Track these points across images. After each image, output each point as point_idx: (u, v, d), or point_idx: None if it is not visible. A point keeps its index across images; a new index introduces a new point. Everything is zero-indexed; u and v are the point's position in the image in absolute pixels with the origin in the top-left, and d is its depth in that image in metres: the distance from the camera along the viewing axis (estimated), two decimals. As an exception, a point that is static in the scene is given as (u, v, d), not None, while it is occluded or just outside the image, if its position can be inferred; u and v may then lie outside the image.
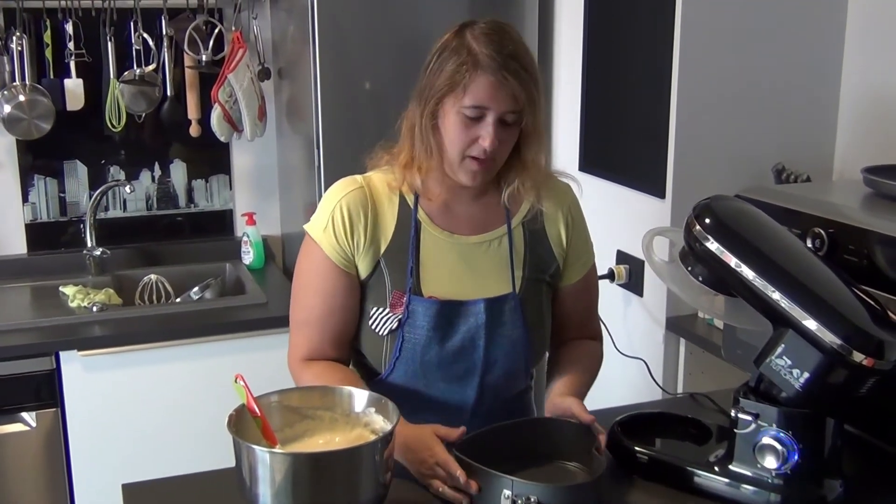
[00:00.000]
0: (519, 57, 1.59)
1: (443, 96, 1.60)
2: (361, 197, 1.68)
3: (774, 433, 1.45)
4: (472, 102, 1.57)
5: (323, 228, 1.68)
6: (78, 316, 2.86)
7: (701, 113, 2.50)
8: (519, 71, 1.57)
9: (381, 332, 1.69)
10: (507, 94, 1.57)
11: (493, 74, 1.56)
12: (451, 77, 1.58)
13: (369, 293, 1.70)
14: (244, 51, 3.14)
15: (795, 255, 1.52)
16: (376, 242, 1.68)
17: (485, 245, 1.72)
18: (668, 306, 2.59)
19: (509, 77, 1.56)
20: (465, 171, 1.64)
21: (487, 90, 1.56)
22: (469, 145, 1.60)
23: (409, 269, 1.68)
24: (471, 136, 1.59)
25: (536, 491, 1.38)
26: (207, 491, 1.57)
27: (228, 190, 3.43)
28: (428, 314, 1.66)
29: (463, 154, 1.62)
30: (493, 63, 1.56)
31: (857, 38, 2.55)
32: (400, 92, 1.77)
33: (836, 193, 2.14)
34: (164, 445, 2.76)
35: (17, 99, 2.98)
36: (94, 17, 3.07)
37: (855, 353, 1.37)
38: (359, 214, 1.67)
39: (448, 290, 1.68)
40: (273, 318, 2.81)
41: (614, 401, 2.02)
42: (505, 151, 1.65)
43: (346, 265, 1.68)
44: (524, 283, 1.72)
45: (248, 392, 1.38)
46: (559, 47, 3.09)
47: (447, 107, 1.60)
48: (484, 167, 1.63)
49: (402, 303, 1.67)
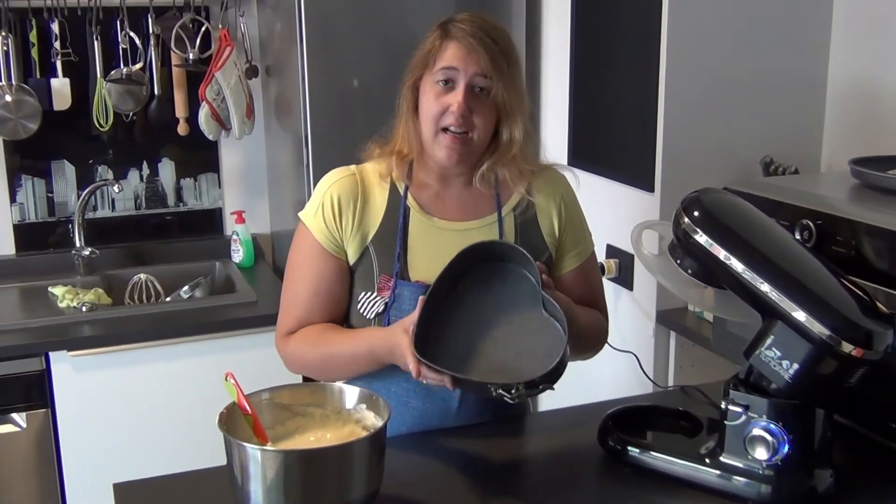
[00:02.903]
0: (490, 32, 1.68)
1: (420, 75, 1.69)
2: (352, 184, 1.74)
3: (764, 424, 1.46)
4: (441, 65, 1.65)
5: (314, 213, 1.74)
6: (67, 316, 2.85)
7: (689, 106, 2.51)
8: (488, 42, 1.66)
9: (369, 316, 1.72)
10: (476, 59, 1.64)
11: (462, 40, 1.65)
12: (426, 53, 1.68)
13: (358, 277, 1.74)
14: (231, 49, 3.13)
15: (784, 246, 1.53)
16: (365, 228, 1.72)
17: (474, 231, 1.74)
18: (659, 300, 2.59)
19: (477, 44, 1.65)
20: (440, 147, 1.68)
21: (455, 53, 1.65)
22: (441, 114, 1.66)
23: (397, 254, 1.71)
24: (442, 104, 1.66)
25: (519, 385, 1.42)
26: (199, 489, 1.57)
27: (217, 188, 3.42)
28: (414, 297, 1.68)
29: (436, 126, 1.67)
30: (463, 32, 1.65)
31: (844, 30, 2.56)
32: (387, 89, 1.79)
33: (824, 185, 2.15)
34: (156, 444, 2.76)
35: (3, 99, 2.97)
36: (80, 16, 3.06)
37: (844, 343, 1.37)
38: (348, 201, 1.72)
39: (435, 274, 1.69)
40: (263, 316, 2.81)
41: (605, 394, 2.02)
42: (481, 127, 1.68)
43: (334, 249, 1.73)
44: None
45: (239, 390, 1.38)
46: (547, 42, 3.09)
47: (424, 84, 1.69)
48: (458, 142, 1.67)
49: (388, 286, 1.71)
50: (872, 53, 2.47)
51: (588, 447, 1.66)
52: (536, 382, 1.44)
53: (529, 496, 1.55)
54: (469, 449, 1.66)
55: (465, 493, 1.53)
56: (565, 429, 1.61)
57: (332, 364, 1.72)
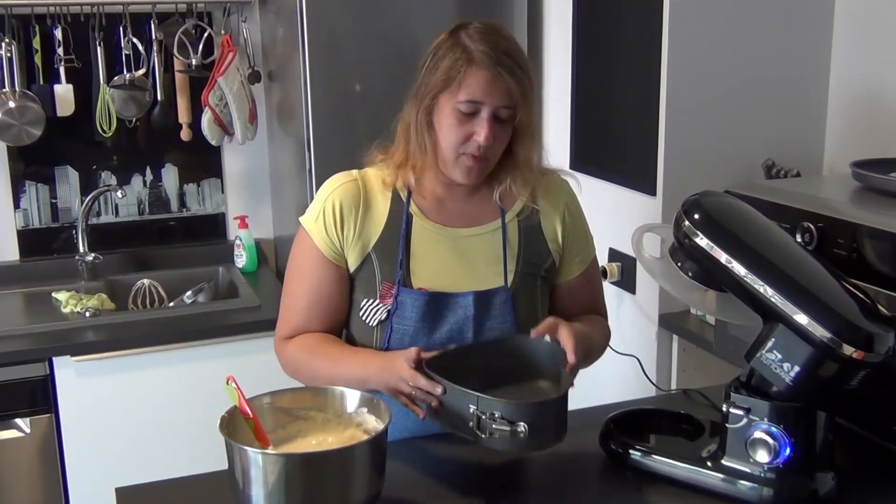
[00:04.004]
0: (512, 54, 1.63)
1: (438, 93, 1.63)
2: (354, 190, 1.72)
3: (766, 427, 1.46)
4: (467, 97, 1.60)
5: (314, 219, 1.73)
6: (71, 321, 2.85)
7: (691, 110, 2.51)
8: (513, 67, 1.61)
9: (371, 323, 1.71)
10: (502, 89, 1.60)
11: (488, 69, 1.59)
12: (446, 73, 1.61)
13: (360, 284, 1.73)
14: (234, 54, 3.14)
15: (785, 249, 1.53)
16: (366, 234, 1.71)
17: (477, 238, 1.74)
18: (661, 303, 2.59)
19: (503, 73, 1.59)
20: (460, 169, 1.66)
21: (482, 85, 1.59)
22: (464, 141, 1.63)
23: (399, 261, 1.70)
24: (466, 132, 1.62)
25: (500, 407, 1.41)
26: (201, 493, 1.57)
27: (220, 193, 3.42)
28: (416, 305, 1.68)
29: (458, 151, 1.64)
30: (488, 59, 1.59)
31: (845, 32, 2.56)
32: (390, 93, 1.79)
33: (826, 188, 2.15)
34: (159, 449, 2.76)
35: (6, 105, 2.98)
36: (82, 23, 3.07)
37: (845, 346, 1.37)
38: (350, 207, 1.70)
39: (438, 282, 1.70)
40: (266, 321, 2.81)
41: (608, 398, 2.02)
42: (499, 149, 1.67)
43: (334, 257, 1.72)
44: (517, 277, 1.73)
45: (240, 394, 1.39)
46: (549, 46, 3.09)
47: (442, 104, 1.63)
48: (479, 164, 1.66)
49: (391, 294, 1.69)
50: (874, 56, 2.47)
51: (590, 450, 1.66)
52: (522, 413, 1.41)
53: (531, 500, 1.55)
54: (470, 453, 1.66)
55: (467, 498, 1.53)
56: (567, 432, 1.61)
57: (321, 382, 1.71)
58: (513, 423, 1.40)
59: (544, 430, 1.43)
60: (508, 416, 1.40)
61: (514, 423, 1.40)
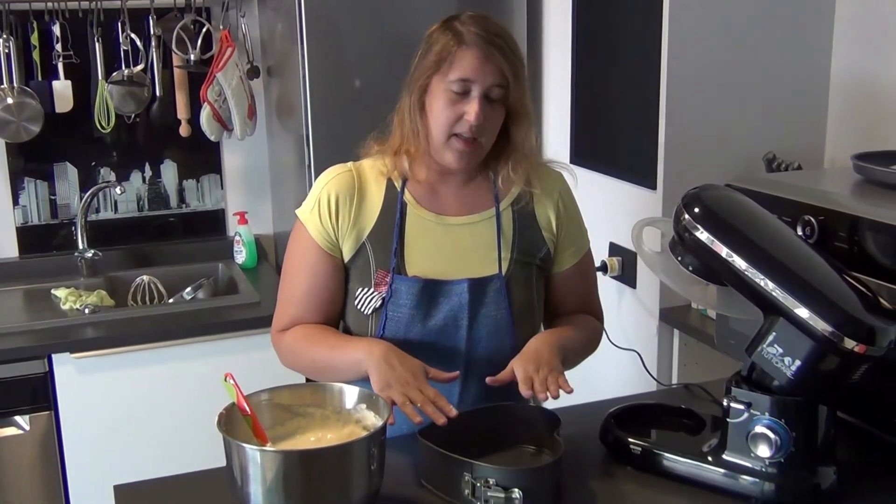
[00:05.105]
0: (503, 35, 1.66)
1: (430, 76, 1.66)
2: (348, 180, 1.74)
3: (767, 422, 1.45)
4: (458, 76, 1.63)
5: (310, 210, 1.75)
6: (70, 318, 2.85)
7: (691, 103, 2.50)
8: (503, 47, 1.64)
9: (366, 311, 1.72)
10: (493, 68, 1.62)
11: (479, 48, 1.62)
12: (437, 55, 1.65)
13: (354, 273, 1.75)
14: (233, 49, 3.13)
15: (786, 243, 1.52)
16: (361, 224, 1.72)
17: (471, 226, 1.74)
18: (662, 298, 2.59)
19: (494, 51, 1.62)
20: (451, 152, 1.67)
21: (473, 63, 1.62)
22: (455, 122, 1.64)
23: (394, 250, 1.71)
24: (456, 112, 1.64)
25: (495, 474, 1.41)
26: (199, 491, 1.57)
27: (220, 189, 3.42)
28: (411, 293, 1.69)
29: (449, 132, 1.66)
30: (479, 38, 1.62)
31: (846, 25, 2.55)
32: (389, 88, 1.79)
33: (827, 181, 2.14)
34: (159, 446, 2.75)
35: (5, 101, 2.97)
36: (81, 18, 3.06)
37: (846, 339, 1.36)
38: (345, 198, 1.72)
39: (432, 269, 1.71)
40: (266, 317, 2.76)
41: (608, 393, 2.02)
42: (491, 132, 1.68)
43: (329, 248, 1.73)
44: (511, 265, 1.74)
45: (238, 390, 1.38)
46: (548, 39, 3.08)
47: (434, 86, 1.66)
48: (470, 147, 1.67)
49: (385, 282, 1.71)
50: (875, 48, 2.46)
51: (590, 445, 1.65)
52: (517, 479, 1.42)
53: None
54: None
55: (467, 493, 1.52)
56: (568, 427, 1.60)
57: (320, 373, 1.73)
58: (507, 490, 1.40)
59: (539, 496, 1.43)
60: (503, 483, 1.41)
61: (508, 490, 1.40)
